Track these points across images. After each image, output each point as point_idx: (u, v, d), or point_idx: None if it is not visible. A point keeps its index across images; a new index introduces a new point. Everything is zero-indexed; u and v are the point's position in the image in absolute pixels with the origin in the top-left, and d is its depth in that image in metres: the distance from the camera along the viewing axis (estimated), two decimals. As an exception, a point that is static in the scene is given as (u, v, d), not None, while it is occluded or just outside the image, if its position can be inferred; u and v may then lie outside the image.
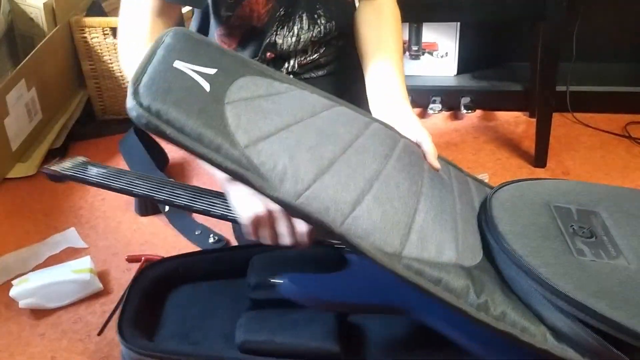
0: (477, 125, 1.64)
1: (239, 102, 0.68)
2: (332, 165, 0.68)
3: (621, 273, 0.65)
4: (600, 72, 1.69)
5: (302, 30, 1.01)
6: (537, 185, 0.81)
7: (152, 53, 0.66)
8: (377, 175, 0.70)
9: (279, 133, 0.67)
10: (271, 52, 1.02)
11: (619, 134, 1.52)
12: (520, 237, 0.68)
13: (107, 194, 1.40)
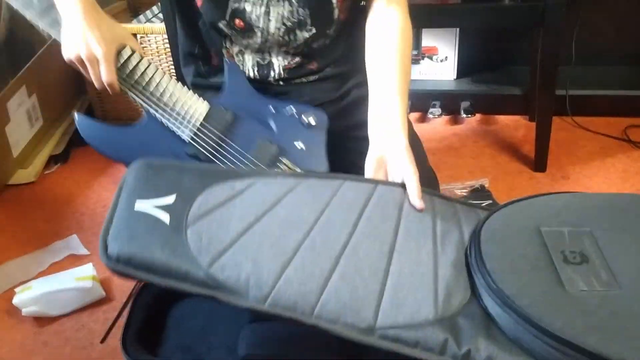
0: (477, 129, 1.64)
1: (199, 222, 0.72)
2: (295, 254, 0.71)
3: (613, 302, 0.66)
4: (600, 75, 1.69)
5: (271, 1, 0.99)
6: (528, 207, 0.80)
7: (117, 198, 0.74)
8: (344, 249, 0.72)
9: (240, 239, 0.71)
10: (240, 19, 1.02)
11: (619, 138, 1.53)
12: (509, 273, 0.69)
13: (108, 200, 1.40)
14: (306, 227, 0.74)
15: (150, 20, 1.70)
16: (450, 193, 1.32)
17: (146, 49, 1.62)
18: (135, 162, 0.77)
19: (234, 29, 1.04)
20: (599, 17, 1.67)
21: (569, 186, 1.35)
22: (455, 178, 1.41)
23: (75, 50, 0.86)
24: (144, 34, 1.59)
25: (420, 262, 0.72)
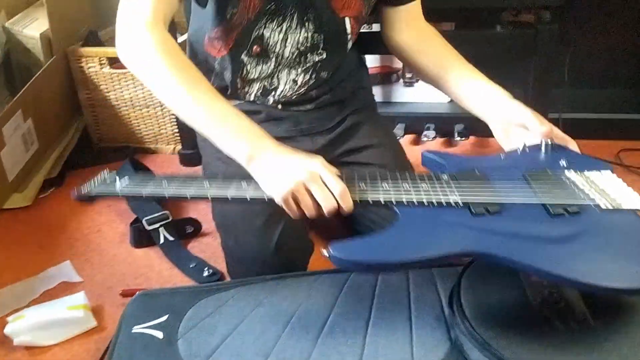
0: (470, 152, 1.65)
1: (188, 332, 0.84)
2: (276, 343, 0.79)
3: (587, 338, 0.68)
4: (593, 98, 1.71)
5: (290, 29, 1.02)
6: None
7: (118, 329, 0.88)
8: (321, 330, 0.80)
9: (227, 340, 0.81)
10: (258, 45, 1.03)
11: (612, 162, 1.53)
12: (488, 319, 0.71)
13: (102, 225, 1.41)
14: (285, 319, 0.83)
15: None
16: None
17: (141, 73, 1.62)
18: (134, 297, 0.94)
19: (251, 56, 1.05)
20: (592, 41, 1.69)
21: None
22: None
23: (292, 180, 0.77)
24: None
25: (395, 330, 0.79)
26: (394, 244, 0.69)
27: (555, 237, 0.67)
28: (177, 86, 0.86)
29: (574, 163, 0.83)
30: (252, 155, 0.82)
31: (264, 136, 0.84)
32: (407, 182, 0.78)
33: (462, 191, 0.76)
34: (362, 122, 1.17)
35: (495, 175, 0.81)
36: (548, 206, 0.72)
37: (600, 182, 0.78)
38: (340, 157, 1.16)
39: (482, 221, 0.71)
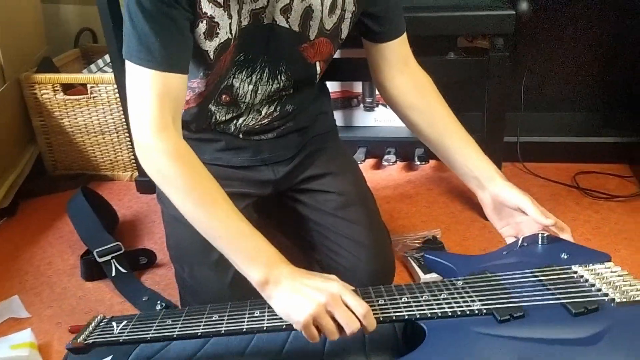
0: (431, 176, 1.65)
1: None
2: None
3: None
4: (549, 122, 1.73)
5: (260, 81, 1.00)
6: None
7: None
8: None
9: None
10: (227, 95, 1.01)
11: (569, 184, 1.55)
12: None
13: (54, 257, 1.36)
14: (238, 351, 0.82)
15: (102, 69, 1.69)
16: (403, 244, 1.32)
17: (96, 99, 1.59)
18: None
19: (220, 105, 1.02)
20: (547, 65, 1.72)
21: (520, 235, 1.36)
22: (408, 228, 1.41)
23: (313, 305, 0.74)
24: (94, 84, 1.57)
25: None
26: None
27: (583, 338, 0.70)
28: (193, 202, 0.83)
29: (575, 256, 0.86)
30: (267, 279, 0.79)
31: (280, 260, 0.81)
32: (425, 294, 0.79)
33: (482, 297, 0.78)
34: (323, 149, 1.16)
35: (507, 275, 0.82)
36: (568, 305, 0.74)
37: (607, 275, 0.81)
38: (300, 184, 1.15)
39: (511, 328, 0.73)
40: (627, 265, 1.23)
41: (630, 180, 1.56)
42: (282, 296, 0.77)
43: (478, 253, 1.30)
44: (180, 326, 0.81)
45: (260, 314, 0.80)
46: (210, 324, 0.80)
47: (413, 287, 0.82)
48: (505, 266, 0.85)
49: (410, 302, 0.79)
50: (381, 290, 0.82)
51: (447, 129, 1.04)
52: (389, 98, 1.10)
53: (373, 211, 1.15)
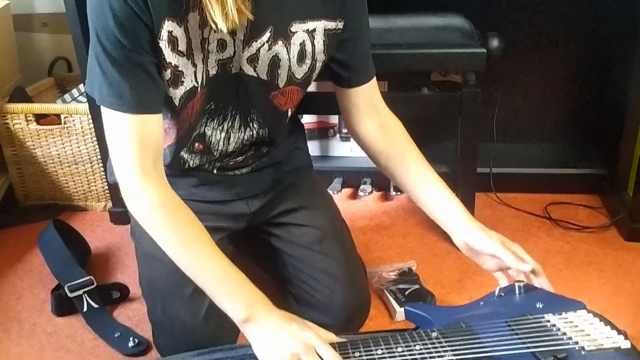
0: (406, 206, 1.67)
1: None
2: None
3: None
4: (521, 154, 1.77)
5: (232, 128, 1.00)
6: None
7: None
8: None
9: None
10: (199, 143, 1.01)
11: (540, 215, 1.58)
12: None
13: (23, 291, 1.33)
14: None
15: (76, 99, 1.67)
16: (379, 277, 1.32)
17: (70, 129, 1.58)
18: None
19: (193, 152, 1.02)
20: (518, 98, 1.76)
21: (493, 267, 1.37)
22: (384, 259, 1.42)
23: (287, 352, 0.77)
24: (67, 114, 1.56)
25: None
26: None
27: None
28: (177, 247, 0.86)
29: (549, 305, 0.88)
30: (248, 318, 0.82)
31: (262, 300, 0.85)
32: (400, 346, 0.81)
33: (455, 348, 0.79)
34: (298, 183, 1.16)
35: (481, 325, 0.84)
36: (538, 354, 0.76)
37: (579, 323, 0.83)
38: (275, 218, 1.15)
39: None
40: (598, 297, 1.25)
41: (600, 211, 1.59)
42: (261, 336, 0.81)
43: (453, 284, 1.31)
44: None
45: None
46: None
47: (388, 339, 0.83)
48: (480, 317, 0.87)
49: (386, 354, 0.80)
50: (357, 343, 0.83)
51: (416, 176, 1.05)
52: (358, 141, 1.11)
53: (348, 245, 1.16)
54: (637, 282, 1.29)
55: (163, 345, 1.03)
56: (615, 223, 1.51)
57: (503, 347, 0.79)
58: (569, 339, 0.79)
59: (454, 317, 0.89)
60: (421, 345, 0.81)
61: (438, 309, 0.98)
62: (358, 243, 1.24)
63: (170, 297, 1.00)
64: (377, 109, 1.07)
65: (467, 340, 0.81)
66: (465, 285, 1.31)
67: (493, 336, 0.82)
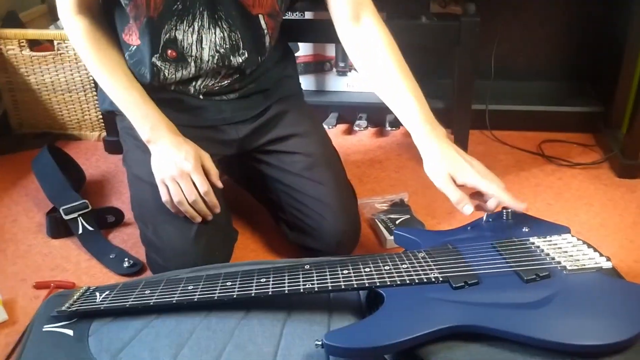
0: (401, 142, 1.67)
1: (100, 329, 0.84)
2: (192, 335, 0.81)
3: None
4: (518, 91, 1.75)
5: (203, 28, 1.00)
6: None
7: (30, 328, 0.88)
8: (238, 324, 0.82)
9: (139, 334, 0.82)
10: (172, 50, 1.01)
11: (534, 152, 1.58)
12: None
13: (19, 214, 1.35)
14: (202, 314, 0.83)
15: (69, 26, 1.64)
16: (371, 207, 1.34)
17: (63, 56, 1.56)
18: (47, 299, 0.94)
19: (167, 60, 1.02)
20: (517, 34, 1.74)
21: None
22: (376, 192, 1.43)
23: (167, 172, 0.98)
24: (61, 40, 1.54)
25: (313, 322, 0.82)
26: (386, 326, 0.73)
27: (531, 302, 0.73)
28: (100, 72, 1.03)
29: (536, 229, 0.90)
30: (149, 140, 1.02)
31: (166, 126, 1.02)
32: (387, 264, 0.83)
33: (440, 267, 0.81)
34: (288, 111, 1.16)
35: (467, 247, 0.86)
36: (520, 273, 0.78)
37: (563, 245, 0.85)
38: (266, 146, 1.15)
39: (464, 294, 0.77)
40: (585, 228, 1.27)
41: (593, 149, 1.60)
42: (155, 156, 1.00)
43: (444, 215, 1.33)
44: (157, 295, 0.86)
45: (232, 284, 0.85)
46: (185, 294, 0.85)
47: (377, 259, 0.85)
48: (467, 240, 0.89)
49: (373, 271, 0.82)
50: (346, 262, 0.86)
51: (394, 94, 1.01)
52: (343, 46, 1.07)
53: (339, 172, 1.16)
54: (626, 216, 1.31)
55: (155, 266, 1.06)
56: (608, 160, 1.52)
57: (487, 266, 0.81)
58: (551, 259, 0.81)
59: (441, 240, 0.91)
60: (408, 264, 0.84)
61: (426, 233, 0.99)
62: (351, 176, 1.24)
63: (161, 218, 1.02)
64: (360, 19, 1.04)
65: (453, 260, 0.83)
66: (456, 217, 1.32)
67: (478, 256, 0.84)
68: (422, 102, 0.97)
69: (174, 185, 0.97)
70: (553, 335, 0.68)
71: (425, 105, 0.98)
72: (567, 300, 0.74)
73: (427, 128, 0.94)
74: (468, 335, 0.72)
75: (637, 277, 1.12)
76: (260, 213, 1.25)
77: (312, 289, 0.82)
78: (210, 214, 1.01)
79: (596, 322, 0.71)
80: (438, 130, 0.95)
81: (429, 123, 0.95)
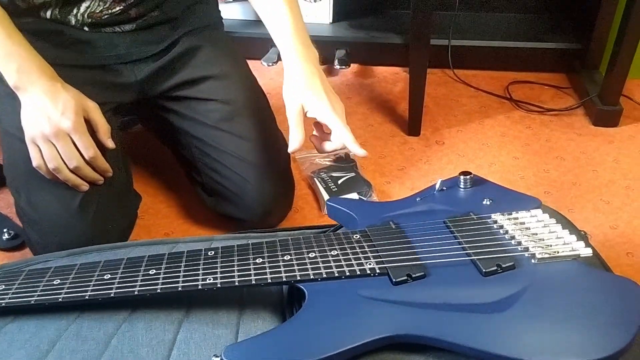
0: (351, 82, 1.46)
1: None
2: (54, 344, 0.62)
3: None
4: (485, 24, 1.55)
5: None
6: None
7: None
8: (118, 329, 0.64)
9: None
10: None
11: (500, 95, 1.40)
12: None
13: None
14: (73, 315, 0.65)
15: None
16: (311, 163, 1.14)
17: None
18: None
19: None
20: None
21: (442, 152, 1.20)
22: (319, 143, 1.23)
23: (38, 130, 0.76)
24: None
25: (218, 323, 0.64)
26: (304, 337, 0.57)
27: (490, 303, 0.58)
28: None
29: (499, 201, 0.72)
30: (16, 86, 0.77)
31: (38, 68, 0.77)
32: (312, 251, 0.65)
33: (378, 254, 0.64)
34: (201, 46, 0.94)
35: (414, 226, 0.69)
36: (478, 262, 0.62)
37: (532, 225, 0.67)
38: (173, 91, 0.93)
39: (406, 291, 0.60)
40: (556, 188, 1.10)
41: (567, 92, 1.42)
42: (25, 108, 0.78)
43: (395, 173, 1.15)
44: (67, 288, 0.65)
45: (156, 272, 0.65)
46: (100, 285, 0.65)
47: (300, 243, 0.67)
48: (414, 215, 0.71)
49: (293, 261, 0.64)
50: (262, 247, 0.67)
51: (272, 12, 0.85)
52: None
53: (267, 123, 0.96)
54: (601, 171, 1.15)
55: (35, 245, 0.85)
56: (583, 105, 1.34)
57: (437, 253, 0.64)
58: (517, 245, 0.64)
59: (382, 215, 0.72)
60: (339, 250, 0.66)
61: (365, 206, 0.81)
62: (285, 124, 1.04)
63: (35, 184, 0.81)
64: None
65: (395, 244, 0.66)
66: (409, 174, 1.14)
67: (426, 239, 0.67)
68: (298, 22, 0.85)
69: (48, 147, 0.76)
70: (515, 349, 0.53)
71: (302, 27, 0.85)
72: (535, 301, 0.58)
73: (297, 48, 0.82)
74: (410, 346, 0.57)
75: (615, 247, 0.96)
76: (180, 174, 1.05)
77: (214, 284, 0.63)
78: (100, 177, 0.80)
79: (572, 332, 0.55)
80: (309, 53, 0.83)
81: (300, 43, 0.82)
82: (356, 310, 0.59)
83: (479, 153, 1.20)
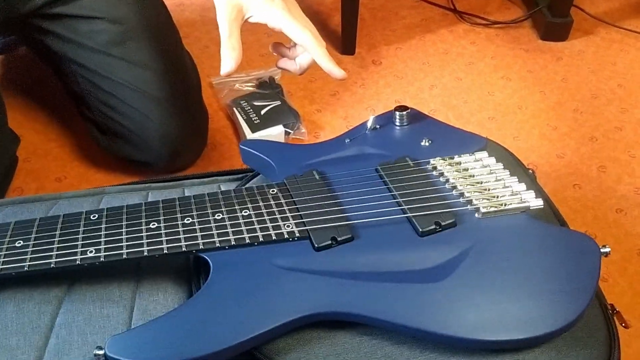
0: None
1: None
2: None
3: None
4: None
5: None
6: None
7: None
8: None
9: None
10: None
11: (443, 6, 1.27)
12: None
13: None
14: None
15: None
16: (230, 89, 1.00)
17: None
18: None
19: None
20: None
21: (379, 74, 1.08)
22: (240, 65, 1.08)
23: None
24: None
25: (107, 302, 0.53)
26: (207, 322, 0.47)
27: (426, 270, 0.50)
28: None
29: (439, 142, 0.63)
30: None
31: None
32: (220, 212, 0.54)
33: (299, 212, 0.54)
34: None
35: (341, 176, 0.59)
36: (414, 220, 0.53)
37: (476, 171, 0.58)
38: (48, 8, 0.76)
39: (330, 258, 0.51)
40: (500, 112, 1.01)
41: (515, 2, 1.30)
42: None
43: (327, 99, 1.02)
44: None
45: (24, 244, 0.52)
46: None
47: (205, 202, 0.56)
48: (342, 162, 0.61)
49: (195, 224, 0.53)
50: (158, 208, 0.55)
51: None
52: None
53: (170, 46, 0.81)
54: (548, 92, 1.06)
55: None
56: (531, 17, 1.23)
57: (367, 210, 0.54)
58: (459, 196, 0.55)
59: (305, 162, 0.61)
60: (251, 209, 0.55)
61: (285, 149, 0.68)
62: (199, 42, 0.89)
63: None
64: None
65: (319, 200, 0.56)
66: (342, 100, 1.02)
67: (355, 193, 0.57)
68: None
69: None
70: (455, 327, 0.46)
71: None
72: (477, 267, 0.50)
73: None
74: (333, 323, 0.49)
75: (561, 179, 0.89)
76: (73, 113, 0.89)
77: (97, 258, 0.52)
78: None
79: (519, 303, 0.47)
80: None
81: None
82: (270, 285, 0.49)
83: (419, 74, 1.08)
